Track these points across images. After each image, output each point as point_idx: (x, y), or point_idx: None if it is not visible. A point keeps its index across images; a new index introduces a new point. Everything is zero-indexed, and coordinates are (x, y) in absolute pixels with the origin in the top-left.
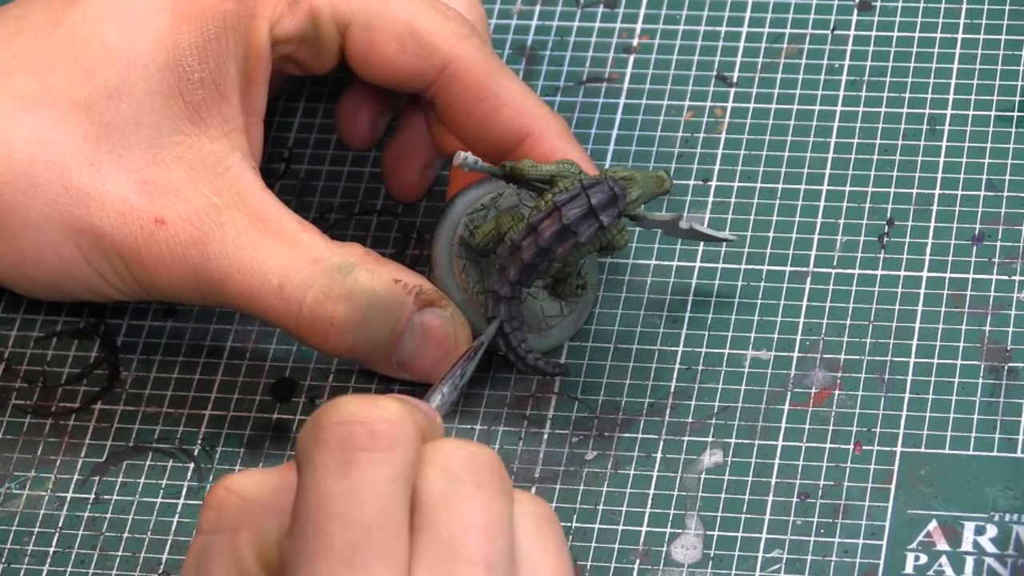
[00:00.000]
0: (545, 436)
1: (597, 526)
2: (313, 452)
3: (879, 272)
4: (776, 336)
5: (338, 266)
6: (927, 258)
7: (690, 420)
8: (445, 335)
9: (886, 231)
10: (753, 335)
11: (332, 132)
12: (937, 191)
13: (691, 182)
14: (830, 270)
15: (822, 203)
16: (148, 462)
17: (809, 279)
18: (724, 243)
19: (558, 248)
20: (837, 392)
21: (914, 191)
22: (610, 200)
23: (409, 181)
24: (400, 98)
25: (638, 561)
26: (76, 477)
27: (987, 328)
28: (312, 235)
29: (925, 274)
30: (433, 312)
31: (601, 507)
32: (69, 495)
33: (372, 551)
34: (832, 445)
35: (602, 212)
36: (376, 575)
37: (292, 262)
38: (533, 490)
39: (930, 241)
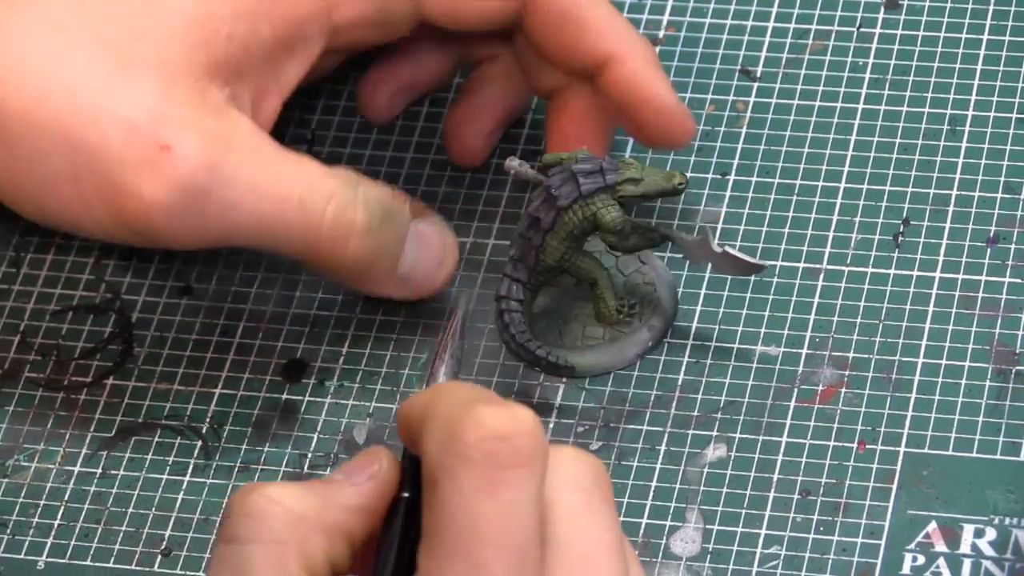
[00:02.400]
0: (551, 425)
1: None
2: (457, 470)
3: (892, 271)
4: (786, 332)
5: (348, 179)
6: (940, 258)
7: (696, 414)
8: (440, 240)
9: (901, 230)
10: (763, 330)
11: (355, 115)
12: (954, 192)
13: (710, 175)
14: (843, 268)
15: (839, 200)
16: (156, 439)
17: (822, 276)
18: (757, 272)
19: (544, 216)
20: (844, 390)
21: (931, 191)
22: (594, 171)
23: (472, 146)
24: (423, 81)
25: (636, 553)
26: (84, 451)
27: (997, 331)
28: (315, 161)
29: (938, 274)
30: (426, 220)
31: None
32: (76, 469)
33: (525, 572)
34: (836, 443)
35: (583, 178)
36: None
37: (309, 178)
38: None
39: (944, 242)
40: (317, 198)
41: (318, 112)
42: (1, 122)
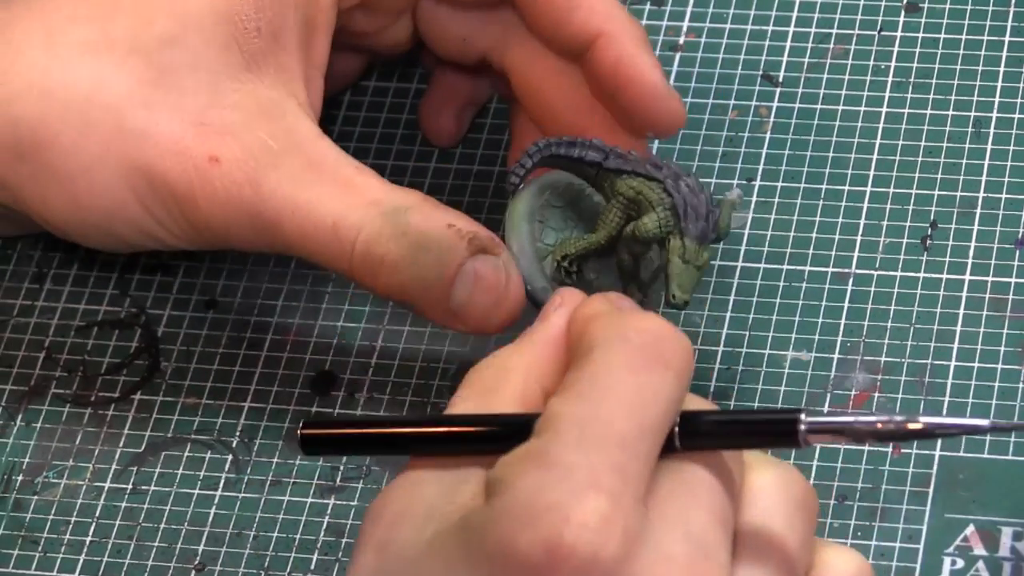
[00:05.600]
0: None
1: None
2: (614, 343)
3: (921, 275)
4: (817, 337)
5: (393, 208)
6: (969, 261)
7: None
8: (496, 282)
9: (929, 233)
10: (794, 336)
11: (376, 125)
12: (981, 194)
13: (735, 181)
14: (872, 272)
15: (865, 204)
16: (186, 453)
17: (851, 280)
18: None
19: (644, 168)
20: (877, 394)
21: (958, 194)
22: (704, 210)
23: (445, 127)
24: (482, 92)
25: None
26: (114, 467)
27: None
28: (369, 178)
29: (967, 277)
30: (485, 259)
31: None
32: (107, 485)
33: (640, 449)
34: (871, 448)
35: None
36: (636, 471)
37: (346, 203)
38: None
39: (973, 244)
40: (350, 225)
41: (339, 124)
42: (56, 160)
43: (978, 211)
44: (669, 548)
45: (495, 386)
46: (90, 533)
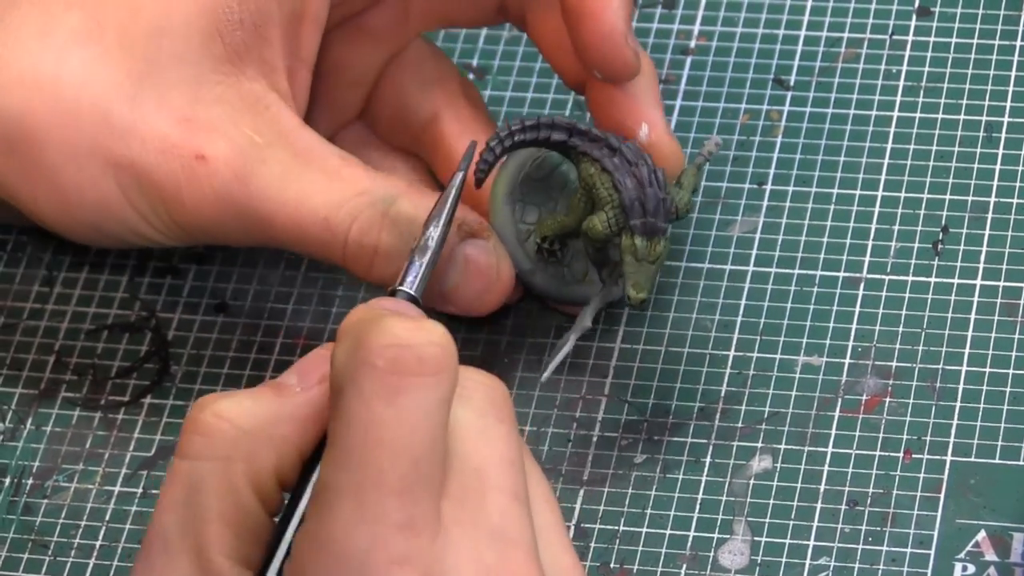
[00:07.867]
0: (594, 439)
1: (645, 530)
2: (359, 375)
3: (932, 280)
4: (828, 342)
5: (382, 197)
6: (981, 266)
7: (740, 425)
8: (487, 265)
9: (940, 239)
10: (805, 341)
11: None
12: (992, 199)
13: (746, 185)
14: (883, 277)
15: (877, 209)
16: None
17: (862, 285)
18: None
19: (598, 153)
20: (888, 400)
21: (969, 198)
22: (661, 205)
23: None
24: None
25: (685, 566)
26: (124, 471)
27: None
28: (355, 168)
29: (979, 282)
30: (476, 243)
31: (649, 511)
32: (117, 489)
33: (420, 481)
34: (882, 453)
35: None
36: (423, 505)
37: (337, 195)
38: (581, 492)
39: (984, 249)
40: (342, 217)
41: None
42: (43, 154)
43: (990, 216)
44: (479, 557)
45: (234, 454)
46: (100, 537)
